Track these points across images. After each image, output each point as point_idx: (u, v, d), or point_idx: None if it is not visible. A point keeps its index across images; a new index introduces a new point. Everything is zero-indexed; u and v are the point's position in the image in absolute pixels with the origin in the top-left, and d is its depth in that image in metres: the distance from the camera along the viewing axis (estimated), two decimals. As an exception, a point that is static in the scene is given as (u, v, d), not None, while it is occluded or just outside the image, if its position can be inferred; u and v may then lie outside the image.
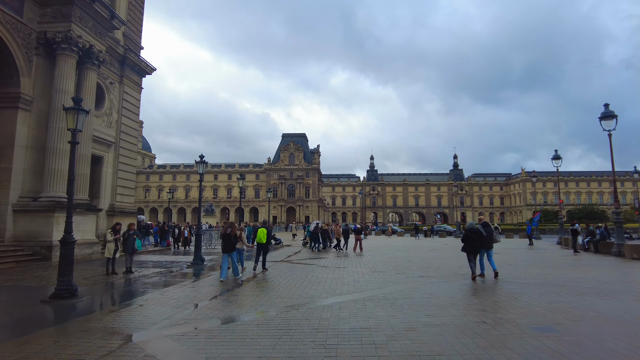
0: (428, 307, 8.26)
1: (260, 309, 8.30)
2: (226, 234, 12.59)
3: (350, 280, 12.24)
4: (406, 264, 16.72)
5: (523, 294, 9.64)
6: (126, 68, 25.48)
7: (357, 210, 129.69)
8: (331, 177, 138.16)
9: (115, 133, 24.73)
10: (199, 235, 17.87)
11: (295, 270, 15.02)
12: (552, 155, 31.23)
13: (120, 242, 14.06)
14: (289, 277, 13.09)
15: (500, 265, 16.42)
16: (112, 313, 8.21)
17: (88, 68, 19.97)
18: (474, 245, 12.05)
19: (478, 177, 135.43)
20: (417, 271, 14.45)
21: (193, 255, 17.73)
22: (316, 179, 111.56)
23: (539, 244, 31.51)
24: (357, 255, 21.50)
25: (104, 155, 23.83)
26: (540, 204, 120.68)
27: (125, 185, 25.55)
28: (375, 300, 8.95)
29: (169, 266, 16.99)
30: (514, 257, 20.75)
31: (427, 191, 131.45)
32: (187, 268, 16.34)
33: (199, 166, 17.53)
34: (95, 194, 23.52)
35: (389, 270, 14.78)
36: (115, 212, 24.15)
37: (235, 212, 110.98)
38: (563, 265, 16.66)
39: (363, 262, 17.53)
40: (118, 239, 13.98)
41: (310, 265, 16.43)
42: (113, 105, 24.47)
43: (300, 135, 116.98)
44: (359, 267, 15.87)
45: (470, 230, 12.23)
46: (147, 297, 9.90)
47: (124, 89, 25.48)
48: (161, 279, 13.26)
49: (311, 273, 14.03)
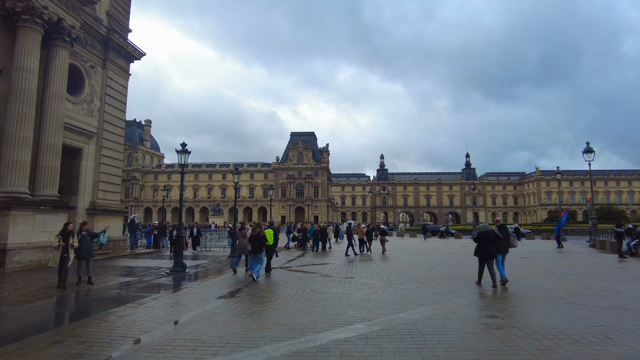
0: (480, 352, 5.44)
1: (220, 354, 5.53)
2: (255, 235, 12.33)
3: (358, 298, 9.42)
4: (427, 273, 13.86)
5: (612, 326, 6.78)
6: (110, 51, 22.88)
7: (367, 210, 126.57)
8: (340, 176, 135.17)
9: (97, 123, 22.15)
10: (179, 237, 15.16)
11: (292, 281, 12.25)
12: (584, 149, 27.98)
13: (74, 246, 11.30)
14: (281, 292, 10.32)
15: (539, 274, 13.60)
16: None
17: (58, 45, 17.38)
18: (489, 250, 10.82)
19: (491, 176, 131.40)
20: (442, 283, 11.61)
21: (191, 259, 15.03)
22: (325, 178, 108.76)
23: (568, 247, 28.36)
24: (367, 260, 18.69)
25: (84, 147, 21.24)
26: (556, 204, 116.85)
27: (109, 181, 22.95)
28: (395, 338, 6.13)
29: (143, 274, 14.33)
30: (550, 263, 17.79)
31: (439, 191, 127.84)
32: (163, 277, 13.64)
33: (180, 156, 14.88)
34: (73, 190, 20.97)
35: (408, 281, 11.94)
36: (97, 210, 21.57)
37: (243, 211, 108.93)
38: (627, 276, 13.64)
39: (374, 270, 14.71)
40: (72, 245, 11.21)
41: (311, 275, 13.63)
42: (94, 92, 21.88)
43: (309, 134, 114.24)
44: (369, 277, 13.05)
45: (484, 233, 11.06)
46: (75, 325, 7.18)
47: (108, 74, 22.88)
48: (122, 294, 10.56)
49: (310, 286, 11.25)
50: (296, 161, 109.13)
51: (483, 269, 11.12)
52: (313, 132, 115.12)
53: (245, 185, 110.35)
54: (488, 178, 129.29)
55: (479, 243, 11.07)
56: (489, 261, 10.90)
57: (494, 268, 10.91)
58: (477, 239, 11.18)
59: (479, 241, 11.08)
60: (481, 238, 11.03)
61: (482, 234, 11.13)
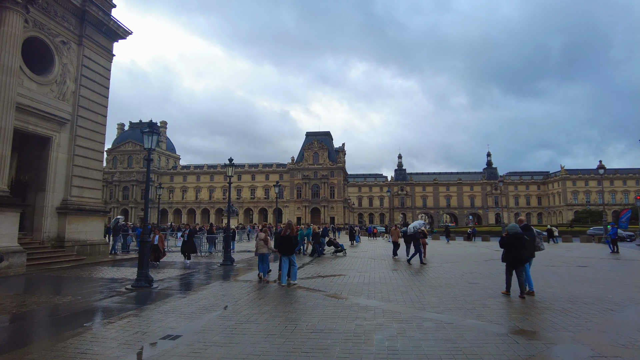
0: None
1: None
2: (285, 235, 11.81)
3: (379, 347, 5.82)
4: (471, 292, 10.18)
5: None
6: (87, 26, 19.78)
7: (384, 211, 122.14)
8: (357, 177, 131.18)
9: (71, 108, 19.04)
10: (143, 242, 11.78)
11: (284, 305, 8.77)
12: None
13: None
14: (267, 321, 6.82)
15: (615, 285, 9.56)
16: None
17: (7, 8, 14.25)
18: (519, 255, 9.47)
19: (513, 175, 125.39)
20: (501, 312, 7.96)
21: (181, 267, 11.71)
22: (341, 178, 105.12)
23: (623, 252, 24.19)
24: (391, 269, 15.08)
25: (53, 136, 18.15)
26: (583, 204, 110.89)
27: (86, 176, 19.80)
28: None
29: (97, 289, 11.00)
30: (628, 275, 13.93)
31: (459, 191, 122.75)
32: (117, 296, 10.26)
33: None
34: (40, 185, 17.90)
35: (449, 308, 8.29)
36: (70, 209, 18.45)
37: (258, 212, 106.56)
38: None
39: (400, 286, 11.09)
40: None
41: (312, 295, 10.08)
42: (67, 72, 18.78)
43: (325, 133, 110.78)
44: (394, 297, 9.44)
45: (514, 235, 9.55)
46: None
47: (85, 53, 19.78)
48: (21, 326, 7.21)
49: (307, 315, 7.71)
50: (312, 161, 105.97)
51: (511, 276, 9.67)
52: (329, 132, 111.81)
53: (260, 186, 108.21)
54: (510, 178, 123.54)
55: (508, 246, 9.57)
56: (519, 268, 9.50)
57: (524, 275, 9.49)
58: (507, 242, 9.61)
59: (508, 245, 9.57)
60: (511, 241, 9.49)
61: (512, 236, 9.52)
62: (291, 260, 11.71)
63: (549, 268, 15.45)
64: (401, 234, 20.75)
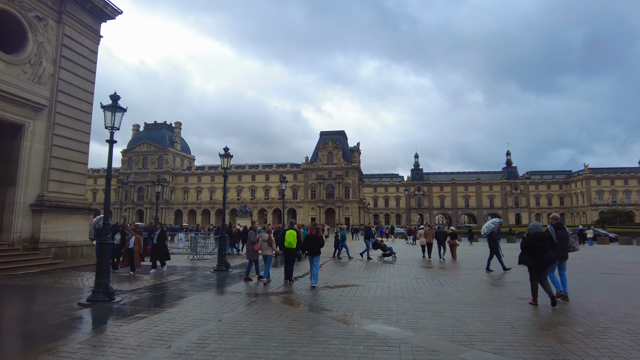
0: None
1: None
2: (311, 235, 11.67)
3: None
4: (526, 313, 7.55)
5: None
6: (68, 2, 17.60)
7: (400, 211, 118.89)
8: (372, 177, 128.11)
9: (49, 93, 16.86)
10: (102, 244, 9.36)
11: (268, 340, 6.28)
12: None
13: None
14: None
15: None
16: None
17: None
18: (542, 257, 8.26)
19: (534, 174, 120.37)
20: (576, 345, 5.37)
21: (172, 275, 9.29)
22: (356, 178, 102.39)
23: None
24: (416, 277, 12.48)
25: (26, 123, 15.97)
26: (608, 204, 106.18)
27: (67, 169, 17.59)
28: None
29: (40, 304, 8.67)
30: None
31: (478, 191, 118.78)
32: (74, 310, 7.89)
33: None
34: (10, 179, 15.72)
35: (508, 343, 5.61)
36: (46, 207, 16.23)
37: (272, 213, 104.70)
38: None
39: (429, 303, 8.46)
40: None
41: (316, 317, 7.57)
42: (44, 52, 16.61)
43: (339, 132, 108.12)
44: (422, 326, 6.83)
45: (536, 237, 8.42)
46: None
47: (65, 32, 17.58)
48: None
49: (302, 355, 5.23)
50: (326, 161, 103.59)
51: (537, 282, 8.53)
52: (343, 131, 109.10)
53: (274, 186, 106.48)
54: (531, 177, 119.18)
55: (530, 249, 8.52)
56: (542, 272, 8.46)
57: (548, 280, 8.39)
58: (528, 245, 8.55)
59: (529, 247, 8.52)
60: (533, 243, 8.43)
61: (533, 237, 8.50)
62: (315, 262, 11.55)
63: (605, 276, 12.70)
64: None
